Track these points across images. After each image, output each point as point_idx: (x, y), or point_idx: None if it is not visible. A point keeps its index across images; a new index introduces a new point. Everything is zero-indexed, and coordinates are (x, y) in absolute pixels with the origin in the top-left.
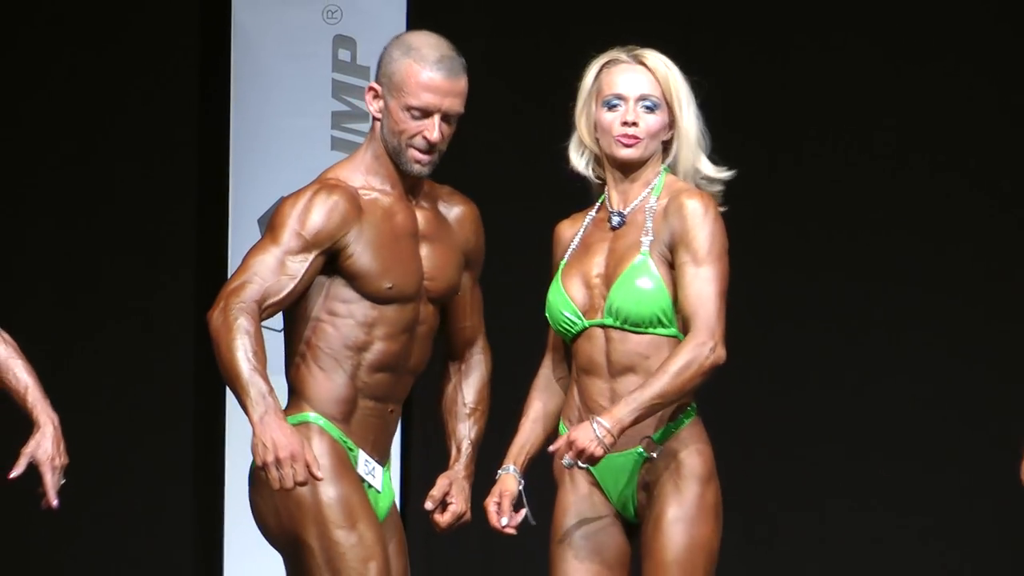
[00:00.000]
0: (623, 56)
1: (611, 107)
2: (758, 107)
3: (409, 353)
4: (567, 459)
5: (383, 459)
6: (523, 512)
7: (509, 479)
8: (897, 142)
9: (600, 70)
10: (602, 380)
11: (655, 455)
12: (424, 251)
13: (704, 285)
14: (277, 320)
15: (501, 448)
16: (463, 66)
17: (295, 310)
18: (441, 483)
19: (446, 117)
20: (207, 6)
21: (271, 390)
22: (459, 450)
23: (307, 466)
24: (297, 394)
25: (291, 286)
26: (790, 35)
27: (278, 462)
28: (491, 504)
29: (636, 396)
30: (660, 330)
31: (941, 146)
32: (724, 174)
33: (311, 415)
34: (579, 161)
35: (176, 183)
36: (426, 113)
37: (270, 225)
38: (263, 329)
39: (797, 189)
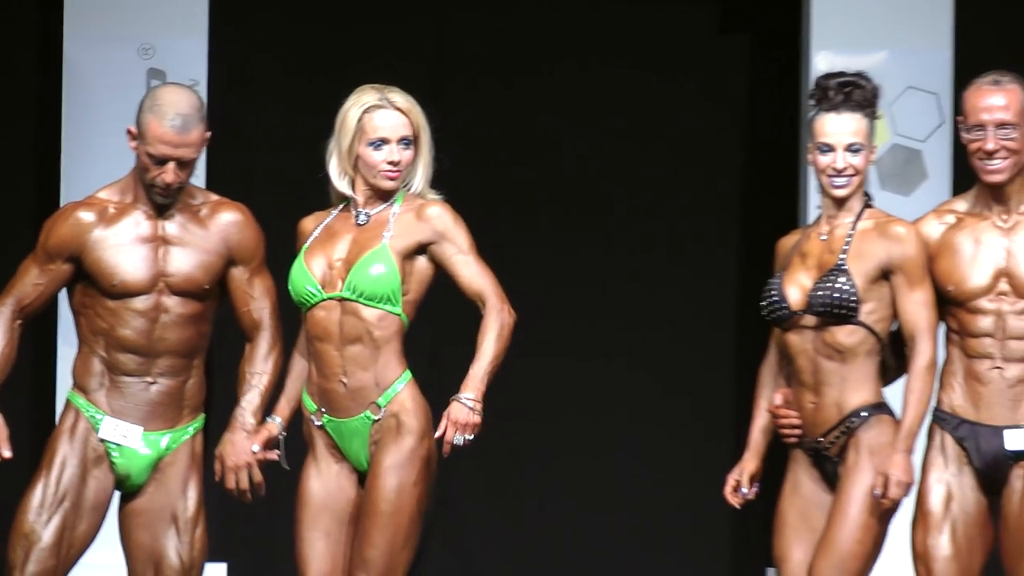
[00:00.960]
0: (379, 101)
1: (377, 147)
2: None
3: (155, 337)
4: (458, 438)
5: (149, 422)
6: (275, 453)
7: (272, 426)
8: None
9: (362, 114)
10: (333, 347)
11: (379, 417)
12: (165, 254)
13: (476, 268)
14: None
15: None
16: (199, 119)
17: (72, 305)
18: (217, 456)
19: (180, 163)
20: (44, 45)
21: None
22: (239, 412)
23: None
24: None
25: (40, 291)
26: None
27: None
28: (253, 446)
29: (479, 366)
30: (388, 306)
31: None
32: (437, 196)
33: (71, 393)
34: (341, 183)
35: (14, 192)
36: (162, 161)
37: None
38: None
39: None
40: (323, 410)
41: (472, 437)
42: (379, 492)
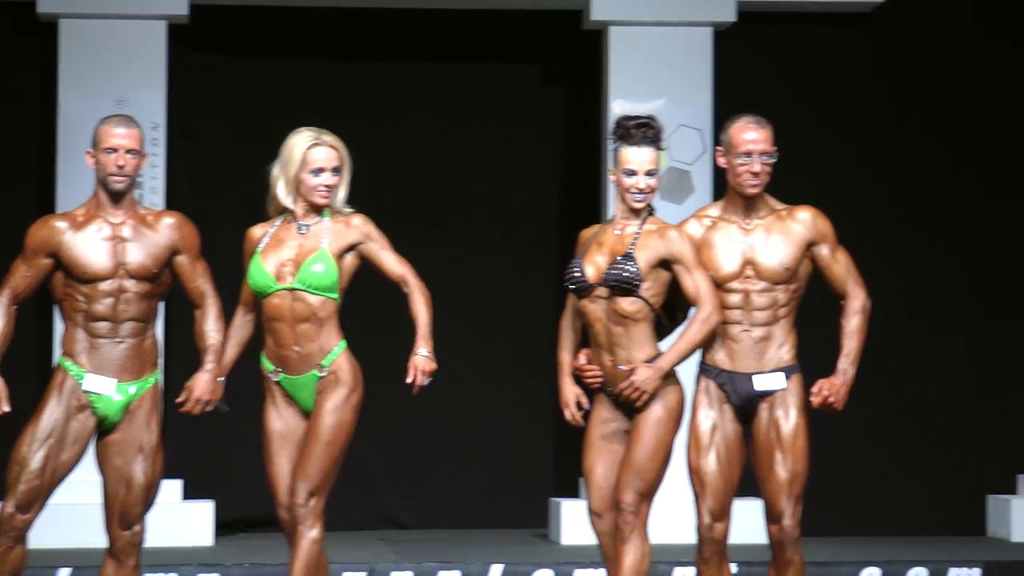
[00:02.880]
0: (316, 140)
1: (316, 174)
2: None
3: (120, 309)
4: (425, 381)
5: (120, 375)
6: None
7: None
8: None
9: (306, 150)
10: (287, 325)
11: (324, 374)
12: (122, 249)
13: (396, 258)
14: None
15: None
16: (137, 125)
17: (53, 293)
18: (186, 387)
19: (128, 151)
20: (43, 96)
21: None
22: (203, 360)
23: None
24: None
25: (28, 282)
26: None
27: None
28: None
29: (425, 328)
30: (328, 294)
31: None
32: (350, 209)
33: (60, 358)
34: (287, 200)
35: (19, 210)
36: (114, 150)
37: None
38: None
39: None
40: (279, 370)
41: (430, 380)
42: (321, 425)
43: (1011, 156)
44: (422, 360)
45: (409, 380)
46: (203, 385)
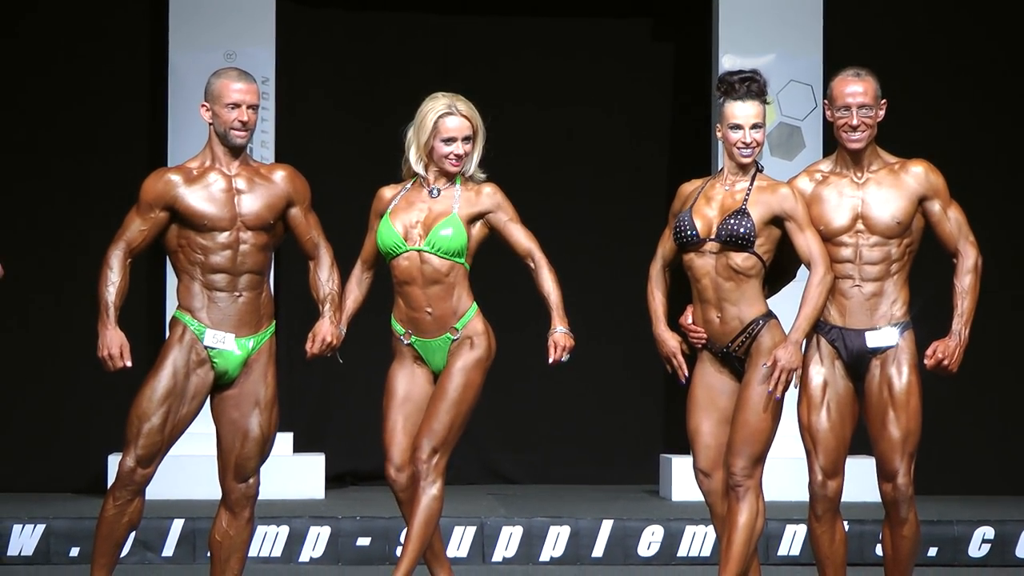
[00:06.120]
0: (448, 108)
1: (447, 142)
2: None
3: (239, 261)
4: (566, 357)
5: (239, 330)
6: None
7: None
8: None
9: (437, 119)
10: (418, 287)
11: (457, 337)
12: (238, 200)
13: (524, 232)
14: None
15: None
16: (253, 78)
17: (166, 246)
18: (310, 335)
19: (249, 106)
20: (153, 51)
21: (112, 306)
22: (322, 309)
23: (118, 358)
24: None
25: (144, 235)
26: None
27: (101, 358)
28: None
29: (559, 305)
30: (457, 259)
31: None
32: (483, 176)
33: (177, 312)
34: (418, 166)
35: (131, 165)
36: (236, 105)
37: None
38: None
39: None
40: (410, 332)
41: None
42: (450, 384)
43: None
44: (561, 337)
45: (552, 360)
46: (327, 328)
